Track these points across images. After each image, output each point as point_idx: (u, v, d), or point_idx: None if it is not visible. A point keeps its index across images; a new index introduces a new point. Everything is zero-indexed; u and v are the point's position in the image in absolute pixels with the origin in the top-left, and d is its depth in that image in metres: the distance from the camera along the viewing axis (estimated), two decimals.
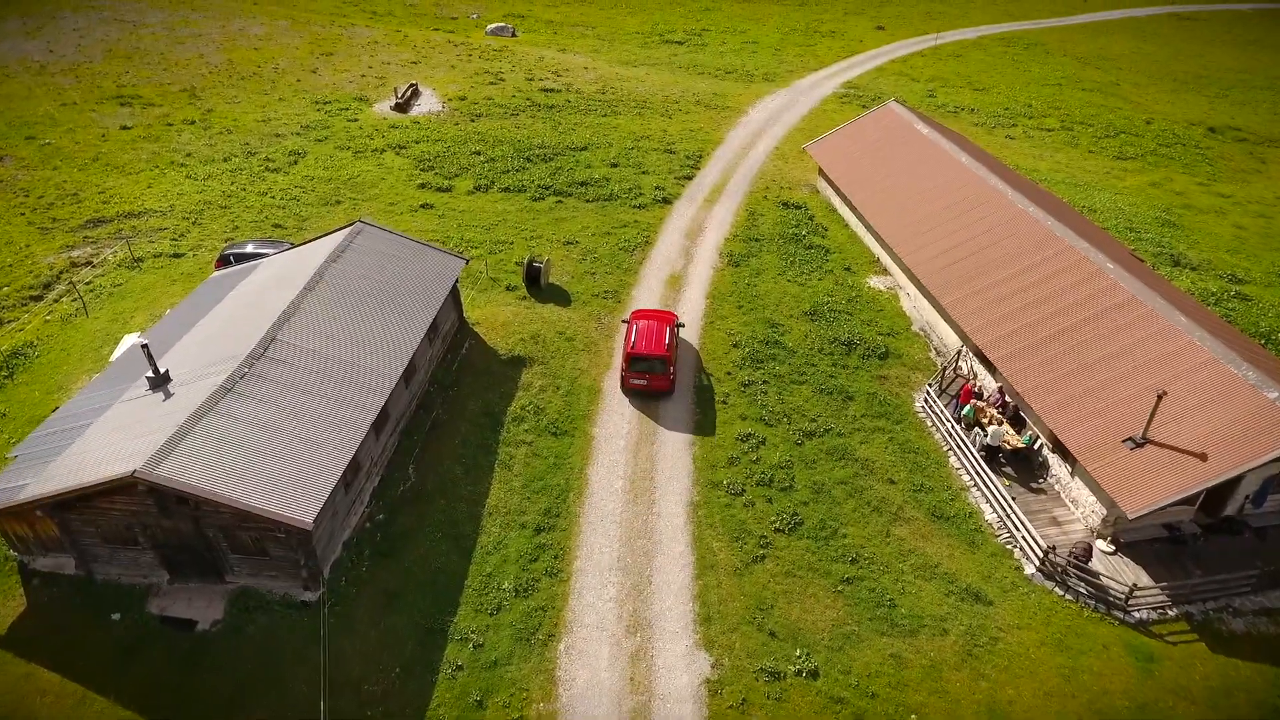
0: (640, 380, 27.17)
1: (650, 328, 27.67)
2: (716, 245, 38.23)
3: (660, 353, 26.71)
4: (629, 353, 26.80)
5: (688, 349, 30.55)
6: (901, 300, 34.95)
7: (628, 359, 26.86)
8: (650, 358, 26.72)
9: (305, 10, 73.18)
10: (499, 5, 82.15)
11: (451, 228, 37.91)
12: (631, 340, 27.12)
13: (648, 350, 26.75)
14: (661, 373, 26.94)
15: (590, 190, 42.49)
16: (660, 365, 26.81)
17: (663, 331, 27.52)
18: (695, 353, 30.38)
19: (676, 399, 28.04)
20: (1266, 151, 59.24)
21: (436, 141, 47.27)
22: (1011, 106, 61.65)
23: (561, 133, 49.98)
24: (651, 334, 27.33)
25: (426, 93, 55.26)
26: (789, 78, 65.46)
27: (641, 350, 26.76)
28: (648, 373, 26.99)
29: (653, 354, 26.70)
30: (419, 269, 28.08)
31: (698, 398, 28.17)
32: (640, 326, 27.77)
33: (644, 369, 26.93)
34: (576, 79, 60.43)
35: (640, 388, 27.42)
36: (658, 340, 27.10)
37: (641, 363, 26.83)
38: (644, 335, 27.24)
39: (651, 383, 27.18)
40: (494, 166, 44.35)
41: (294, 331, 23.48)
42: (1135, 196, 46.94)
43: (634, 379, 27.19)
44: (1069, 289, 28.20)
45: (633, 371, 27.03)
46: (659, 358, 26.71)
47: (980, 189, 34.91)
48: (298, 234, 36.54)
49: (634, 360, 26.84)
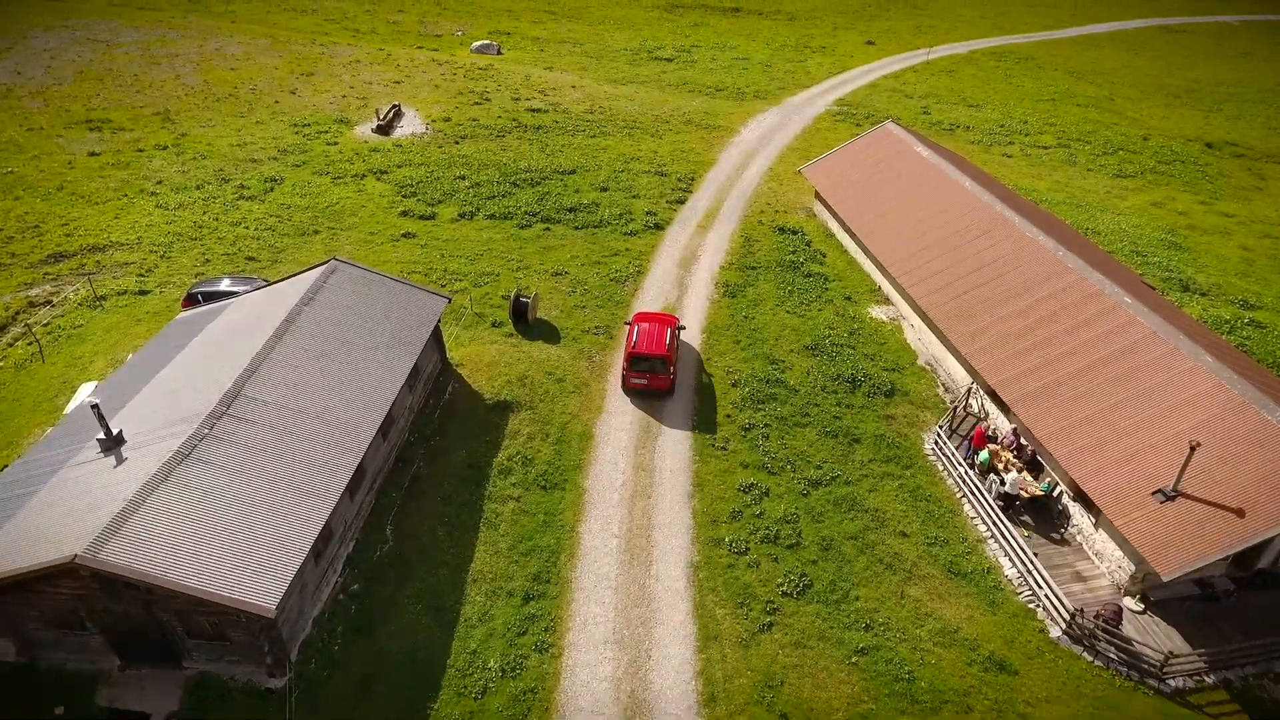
0: (641, 380, 27.77)
1: (651, 329, 28.36)
2: (712, 274, 36.71)
3: (661, 353, 27.31)
4: (630, 353, 27.41)
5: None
6: (905, 332, 33.50)
7: (629, 359, 27.48)
8: (651, 357, 27.32)
9: (286, 29, 71.55)
10: (484, 22, 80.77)
11: (434, 258, 36.23)
12: (633, 341, 27.83)
13: (649, 350, 27.39)
14: (662, 372, 27.54)
15: (579, 216, 40.93)
16: (661, 365, 27.41)
17: (663, 333, 28.23)
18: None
19: (673, 446, 26.41)
20: (1265, 168, 58.45)
21: (419, 165, 45.65)
22: (1007, 123, 60.64)
23: (549, 155, 48.47)
24: (652, 335, 28.08)
25: (409, 114, 53.67)
26: (780, 95, 64.29)
27: (643, 350, 27.40)
28: (648, 372, 27.59)
29: (653, 354, 27.30)
30: (398, 310, 26.38)
31: (696, 443, 26.55)
32: (642, 328, 28.46)
33: (645, 369, 27.51)
34: (564, 98, 59.02)
35: (641, 387, 28.00)
36: (658, 341, 27.75)
37: (643, 362, 27.42)
38: (645, 336, 28.02)
39: (652, 382, 27.75)
40: (479, 192, 42.75)
41: (261, 385, 21.72)
42: (1139, 217, 45.82)
43: (635, 378, 27.79)
44: (1085, 324, 26.80)
45: (634, 371, 27.64)
46: (660, 357, 27.29)
47: (985, 215, 33.57)
48: (271, 268, 34.77)
49: (635, 360, 27.44)
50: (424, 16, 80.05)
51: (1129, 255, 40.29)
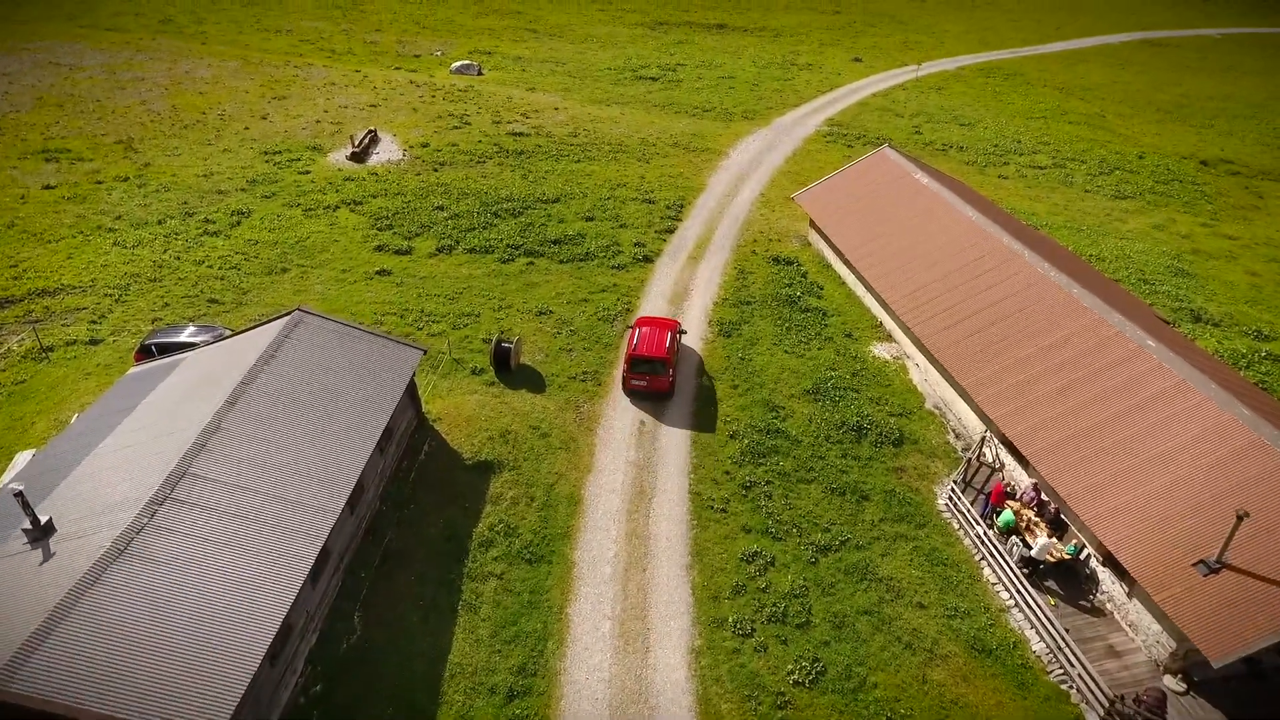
0: (641, 381, 28.43)
1: (652, 333, 29.20)
2: (705, 311, 34.83)
3: (660, 355, 28.08)
4: (631, 355, 28.21)
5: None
6: (911, 372, 31.72)
7: (629, 360, 28.22)
8: (652, 359, 28.00)
9: (258, 50, 69.39)
10: (464, 41, 78.91)
11: (411, 298, 34.14)
12: (634, 343, 28.68)
13: (649, 352, 28.16)
14: (662, 374, 28.20)
15: (564, 249, 38.97)
16: (661, 367, 28.09)
17: (664, 336, 29.04)
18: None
19: (669, 507, 24.39)
20: (1261, 185, 57.51)
21: (396, 195, 43.56)
22: (1000, 143, 59.40)
23: (532, 182, 46.54)
24: (653, 338, 28.88)
25: (386, 139, 51.62)
26: (769, 115, 62.79)
27: (643, 353, 28.16)
28: (649, 374, 28.21)
29: (654, 356, 28.03)
30: (368, 366, 24.25)
31: (693, 505, 24.54)
32: (643, 332, 29.27)
33: (645, 370, 28.18)
34: (547, 121, 57.17)
35: (640, 388, 28.61)
36: (658, 344, 28.57)
37: (643, 364, 28.11)
38: (645, 339, 28.81)
39: (651, 383, 28.38)
40: (458, 224, 40.71)
41: (212, 460, 19.52)
42: (1142, 242, 44.45)
43: (635, 379, 28.46)
44: (1106, 370, 25.08)
45: (634, 373, 28.32)
46: (659, 359, 28.01)
47: (992, 249, 31.92)
48: (236, 311, 32.54)
49: (635, 362, 28.16)
50: (402, 36, 78.13)
51: (1136, 284, 38.83)
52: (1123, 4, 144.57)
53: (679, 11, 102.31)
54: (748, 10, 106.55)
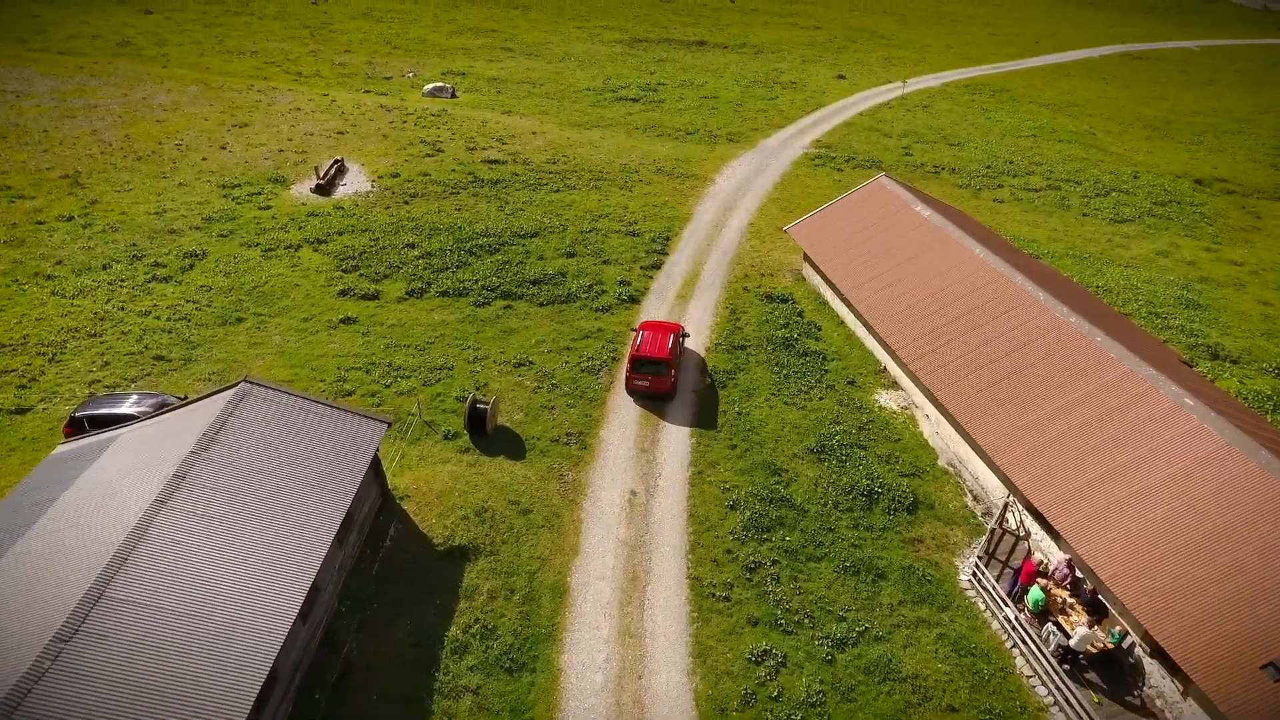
0: (643, 381, 29.04)
1: (655, 336, 29.81)
2: (696, 358, 32.38)
3: (663, 356, 28.80)
4: (634, 355, 28.93)
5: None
6: (920, 424, 29.46)
7: (632, 361, 28.95)
8: (655, 360, 28.72)
9: (220, 73, 66.41)
10: (438, 62, 76.33)
11: (378, 350, 31.41)
12: (637, 344, 29.40)
13: (652, 353, 28.90)
14: (664, 375, 28.83)
15: (544, 290, 36.43)
16: (663, 368, 28.78)
17: (666, 338, 29.70)
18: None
19: (666, 598, 21.81)
20: (1258, 205, 56.25)
21: (363, 232, 40.83)
22: (993, 164, 57.73)
23: (509, 215, 43.99)
24: (656, 341, 29.55)
25: (353, 169, 48.87)
26: (755, 137, 60.76)
27: (646, 353, 28.90)
28: (651, 374, 28.87)
29: (656, 357, 28.75)
30: (325, 445, 21.53)
31: (693, 592, 22.01)
32: (646, 335, 29.94)
33: (648, 371, 28.84)
34: (524, 146, 54.71)
35: (643, 388, 29.16)
36: (661, 346, 29.26)
37: (646, 365, 28.80)
38: (648, 341, 29.51)
39: (654, 383, 28.98)
40: (430, 263, 38.04)
41: (134, 579, 16.67)
42: (1147, 270, 42.69)
43: (638, 380, 29.07)
44: (1142, 429, 22.90)
45: (637, 373, 28.95)
46: (662, 360, 28.72)
47: (1004, 289, 29.78)
48: (183, 369, 29.65)
49: (638, 363, 28.86)
50: (373, 57, 75.40)
51: (1148, 317, 36.94)
52: (1099, 18, 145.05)
53: (657, 28, 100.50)
54: (727, 26, 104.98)
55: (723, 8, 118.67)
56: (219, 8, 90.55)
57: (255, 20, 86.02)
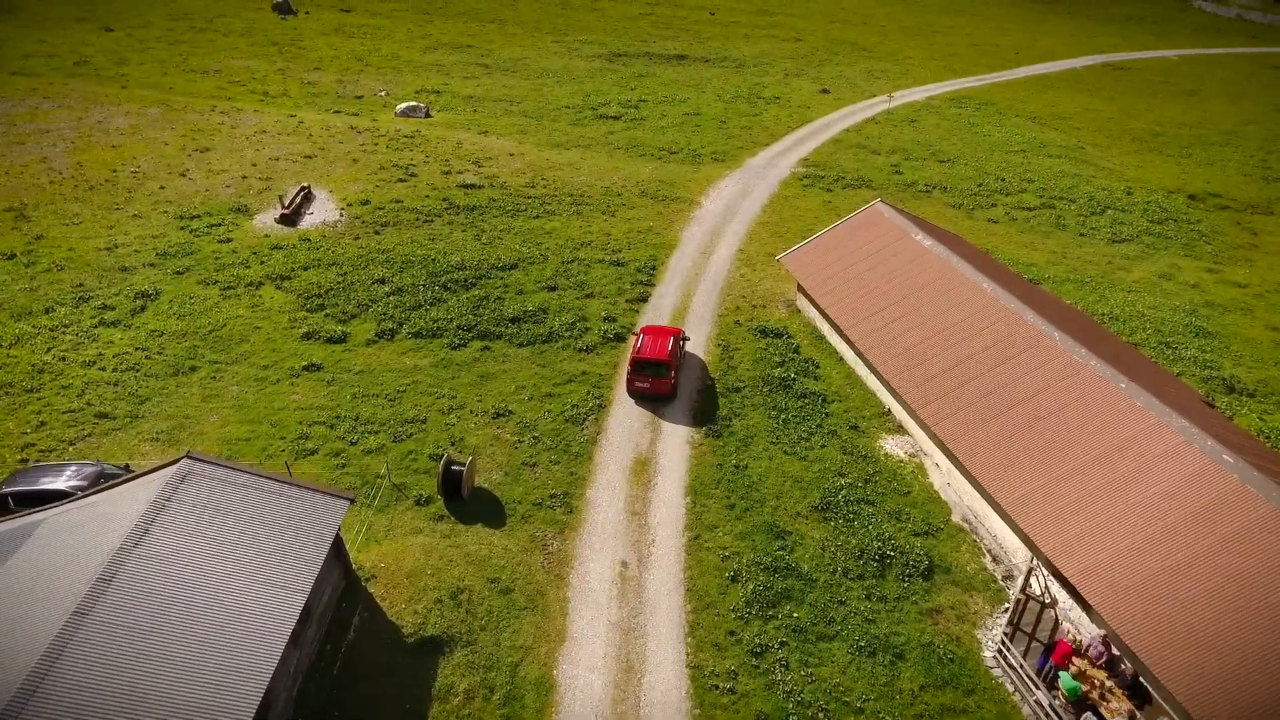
0: (644, 383, 29.54)
1: (655, 339, 30.25)
2: (688, 405, 30.27)
3: (663, 358, 29.32)
4: (635, 357, 29.51)
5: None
6: (930, 474, 27.49)
7: (633, 363, 29.50)
8: (655, 362, 29.23)
9: (183, 94, 63.62)
10: (411, 79, 73.90)
11: (344, 402, 29.00)
12: (639, 347, 29.85)
13: (652, 355, 29.42)
14: (665, 376, 29.36)
15: (523, 329, 34.18)
16: (664, 370, 29.29)
17: (667, 340, 30.17)
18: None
19: (664, 691, 19.57)
20: (1253, 220, 55.20)
21: (330, 266, 38.37)
22: (984, 181, 56.27)
23: (485, 244, 41.71)
24: (656, 343, 30.02)
25: (321, 197, 46.38)
26: (740, 156, 58.92)
27: (647, 355, 29.43)
28: (652, 376, 29.36)
29: (657, 359, 29.26)
30: (279, 529, 19.13)
31: (694, 684, 19.78)
32: (646, 338, 30.37)
33: (649, 373, 29.35)
34: (501, 169, 52.47)
35: (644, 390, 29.66)
36: (661, 348, 29.75)
37: (647, 367, 29.33)
38: (649, 344, 30.01)
39: (654, 385, 29.50)
40: (402, 301, 35.67)
41: (50, 702, 14.25)
42: (1151, 295, 41.18)
43: (639, 382, 29.58)
44: (1182, 492, 21.02)
45: (638, 375, 29.47)
46: (662, 363, 29.24)
47: (1015, 328, 27.94)
48: (129, 428, 27.08)
49: (639, 365, 29.38)
50: (343, 75, 72.82)
51: (1158, 348, 35.32)
52: (1076, 27, 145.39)
53: (637, 41, 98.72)
54: (708, 39, 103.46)
55: (703, 20, 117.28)
56: (185, 24, 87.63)
57: (221, 37, 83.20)
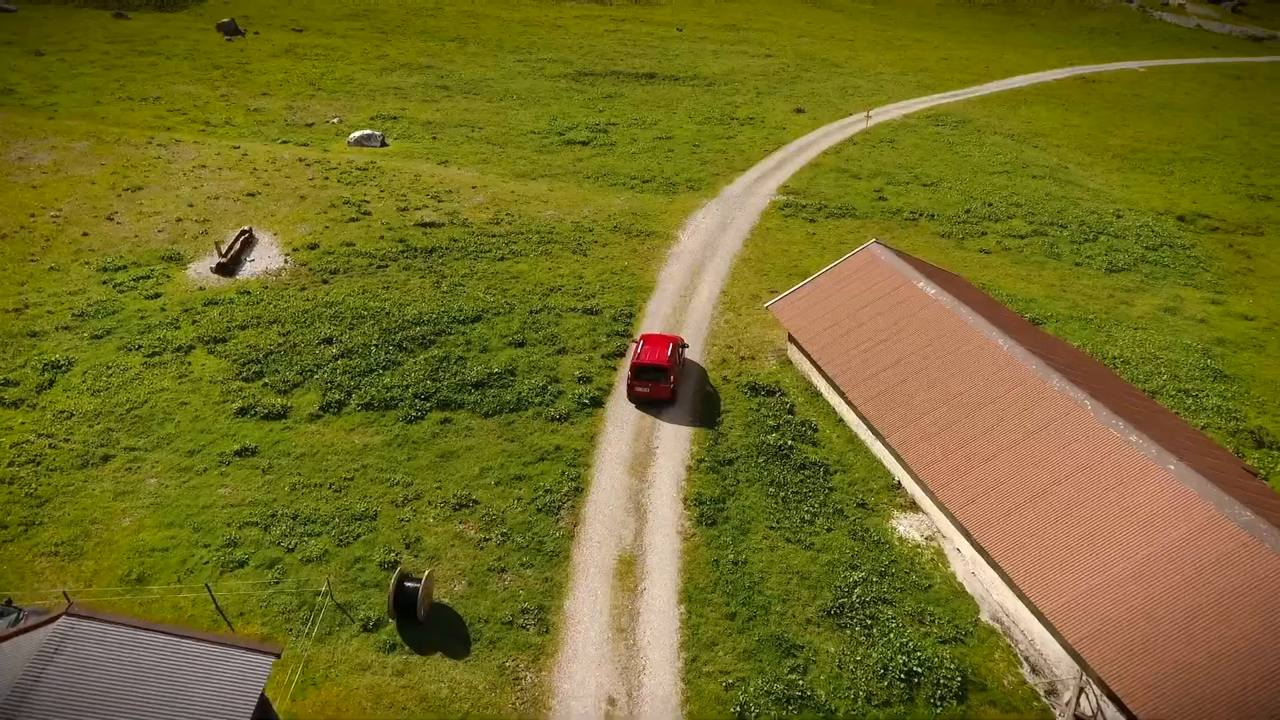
0: (644, 388, 30.05)
1: (654, 347, 30.66)
2: (676, 483, 26.94)
3: (662, 363, 29.77)
4: (635, 363, 30.00)
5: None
6: (951, 561, 24.42)
7: (634, 369, 29.97)
8: (655, 368, 29.73)
9: (117, 123, 59.07)
10: (366, 104, 69.90)
11: (281, 494, 25.19)
12: (638, 353, 30.35)
13: (652, 361, 29.85)
14: (664, 382, 29.90)
15: (489, 395, 30.62)
16: (663, 375, 29.84)
17: (666, 347, 30.63)
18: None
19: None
20: (1245, 242, 53.49)
21: (271, 325, 34.46)
22: (971, 207, 53.92)
23: (446, 293, 38.07)
24: (656, 350, 30.43)
25: (264, 241, 42.38)
26: (716, 183, 55.95)
27: (646, 361, 29.88)
28: (651, 381, 29.88)
29: (656, 364, 29.72)
30: (185, 699, 15.37)
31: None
32: (645, 346, 30.79)
33: (649, 378, 29.86)
34: (463, 204, 48.87)
35: (644, 395, 30.20)
36: (660, 355, 30.18)
37: (646, 372, 29.84)
38: (648, 351, 30.44)
39: (654, 390, 30.04)
40: (352, 365, 31.90)
41: None
42: (1159, 332, 38.80)
43: (639, 387, 30.10)
44: (1259, 600, 18.16)
45: (638, 381, 29.98)
46: (662, 368, 29.74)
47: (1039, 394, 25.02)
48: (22, 539, 23.01)
49: (639, 370, 29.89)
50: (293, 100, 68.62)
51: (1178, 396, 32.81)
52: (1042, 40, 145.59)
53: (603, 60, 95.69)
54: (676, 56, 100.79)
55: (670, 36, 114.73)
56: (124, 46, 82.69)
57: (162, 60, 78.47)
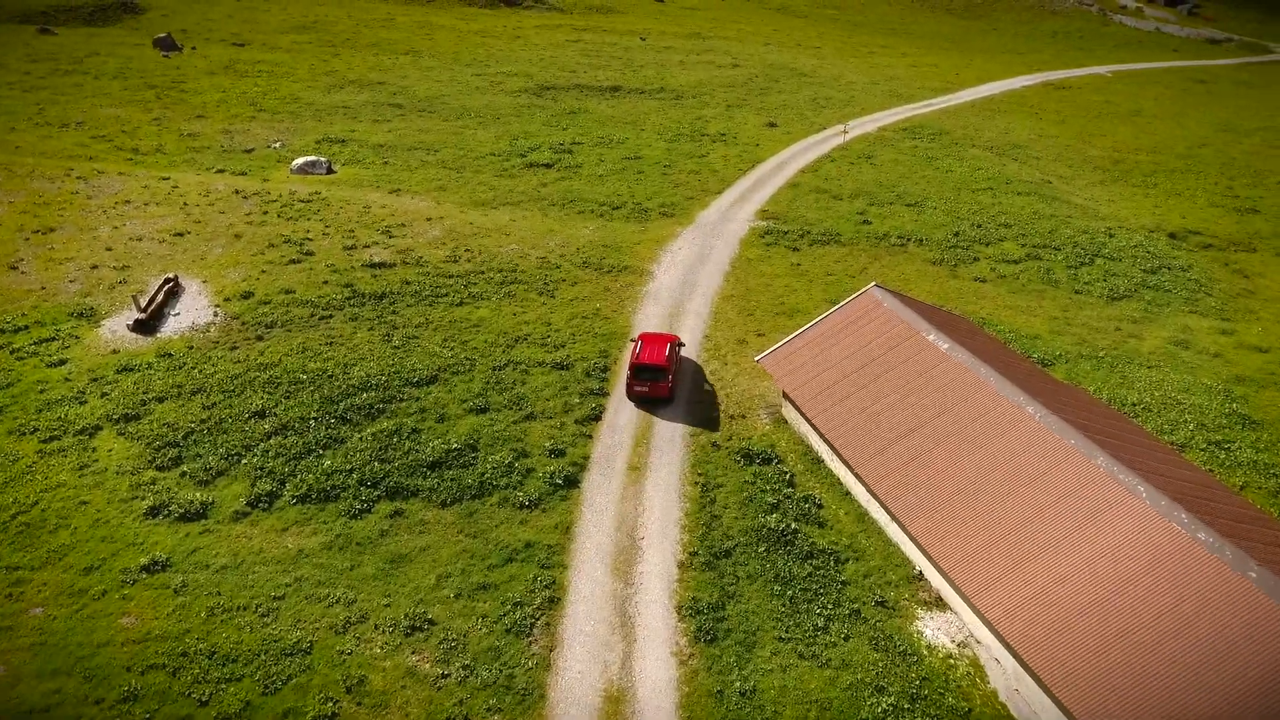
0: (643, 387, 30.51)
1: (652, 346, 31.02)
2: (668, 584, 23.21)
3: (660, 363, 30.23)
4: (634, 363, 30.42)
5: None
6: (990, 674, 21.03)
7: (633, 369, 30.42)
8: (653, 367, 30.15)
9: (32, 153, 53.70)
10: (312, 125, 65.08)
11: (195, 624, 20.93)
12: (636, 353, 30.77)
13: (651, 360, 30.29)
14: (662, 380, 30.34)
15: (446, 479, 26.59)
16: (661, 374, 30.28)
17: (664, 347, 31.03)
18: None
19: None
20: (1239, 260, 51.52)
21: (195, 395, 30.04)
22: (959, 229, 51.10)
23: (397, 348, 33.94)
24: (654, 350, 30.82)
25: (192, 289, 37.79)
26: (690, 208, 52.43)
27: (645, 360, 30.31)
28: (650, 380, 30.34)
29: (655, 364, 30.18)
30: None
31: None
32: (644, 345, 31.19)
33: (647, 378, 30.31)
34: (417, 239, 44.68)
35: (643, 393, 30.66)
36: (658, 354, 30.62)
37: (645, 372, 30.28)
38: (646, 351, 30.84)
39: (652, 389, 30.49)
40: (286, 444, 27.65)
41: None
42: (1175, 371, 36.08)
43: (638, 386, 30.54)
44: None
45: (637, 380, 30.43)
46: (660, 367, 30.17)
47: (1083, 475, 21.73)
48: None
49: (638, 370, 30.32)
50: (231, 123, 63.55)
51: (1209, 450, 29.97)
52: (1005, 45, 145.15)
53: (565, 72, 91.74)
54: (641, 68, 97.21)
55: (634, 46, 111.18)
56: (46, 65, 76.73)
57: (90, 80, 72.73)
